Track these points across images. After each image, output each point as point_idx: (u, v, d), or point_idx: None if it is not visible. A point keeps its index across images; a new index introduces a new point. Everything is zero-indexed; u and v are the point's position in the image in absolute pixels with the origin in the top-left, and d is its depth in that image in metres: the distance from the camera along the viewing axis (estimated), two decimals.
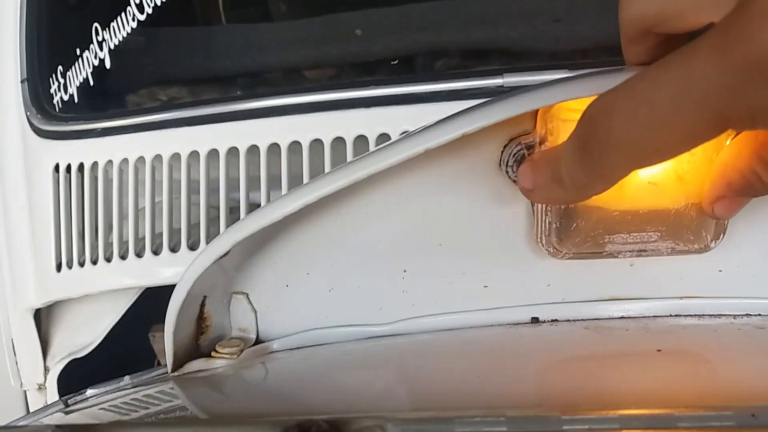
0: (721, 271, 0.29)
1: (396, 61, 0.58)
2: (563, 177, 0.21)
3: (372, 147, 0.51)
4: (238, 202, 0.52)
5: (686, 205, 0.25)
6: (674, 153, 0.17)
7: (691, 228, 0.26)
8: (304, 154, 0.51)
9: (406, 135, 0.26)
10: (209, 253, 0.28)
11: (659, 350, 0.25)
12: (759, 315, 0.29)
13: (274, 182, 0.52)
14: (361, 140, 0.51)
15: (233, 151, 0.52)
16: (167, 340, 0.30)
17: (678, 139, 0.17)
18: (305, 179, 0.52)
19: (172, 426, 0.21)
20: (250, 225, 0.27)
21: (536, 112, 0.26)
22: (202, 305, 0.31)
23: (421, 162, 0.27)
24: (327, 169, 0.52)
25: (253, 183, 0.52)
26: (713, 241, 0.27)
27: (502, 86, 0.51)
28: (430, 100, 0.52)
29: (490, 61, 0.62)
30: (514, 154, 0.27)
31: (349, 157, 0.51)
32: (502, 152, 0.27)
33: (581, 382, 0.24)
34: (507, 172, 0.27)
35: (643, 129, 0.17)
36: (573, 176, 0.20)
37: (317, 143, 0.52)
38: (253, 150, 0.52)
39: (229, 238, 0.27)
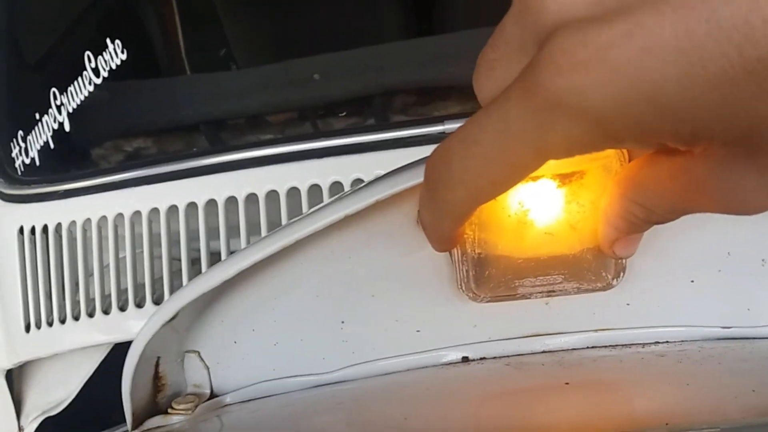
0: (628, 304, 0.32)
1: (344, 113, 0.61)
2: (422, 220, 0.24)
3: (325, 195, 0.54)
4: (199, 252, 0.54)
5: (582, 251, 0.28)
6: (509, 184, 0.20)
7: (591, 270, 0.29)
8: (261, 205, 0.54)
9: (330, 201, 0.29)
10: (157, 318, 0.30)
11: (567, 383, 0.28)
12: (666, 342, 0.32)
13: (233, 232, 0.54)
14: (315, 189, 0.54)
15: (192, 206, 0.55)
16: (125, 400, 0.32)
17: (507, 172, 0.19)
18: (263, 228, 0.54)
19: None
20: (194, 290, 0.30)
21: None
22: (157, 365, 0.33)
23: (349, 222, 0.30)
24: (283, 217, 0.54)
25: (213, 233, 0.55)
26: (614, 279, 0.30)
27: (443, 132, 0.55)
28: (378, 149, 0.55)
29: (444, 103, 0.66)
30: None
31: (304, 205, 0.54)
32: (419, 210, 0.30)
33: (498, 416, 0.26)
34: None
35: (477, 167, 0.20)
36: (427, 217, 0.23)
37: (273, 194, 0.54)
38: (212, 203, 0.54)
39: (174, 303, 0.30)
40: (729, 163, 0.18)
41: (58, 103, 0.62)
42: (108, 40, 0.60)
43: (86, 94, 0.61)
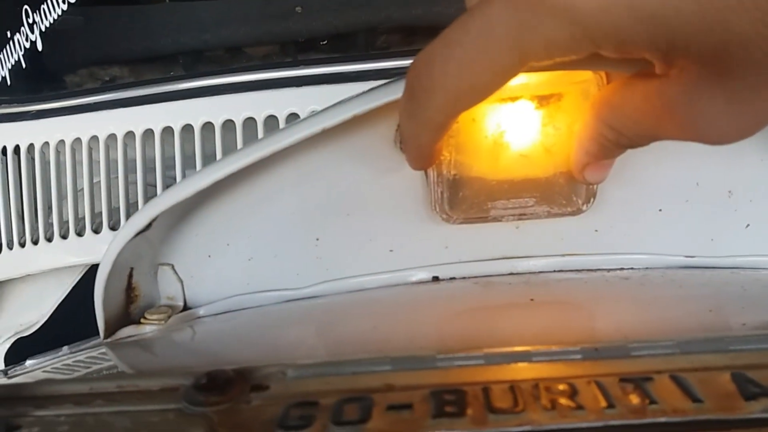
0: (597, 230, 0.33)
1: (325, 42, 0.60)
2: (401, 133, 0.23)
3: None
4: (175, 179, 0.54)
5: (555, 174, 0.29)
6: (488, 90, 0.20)
7: (563, 194, 0.30)
8: (238, 132, 0.54)
9: (307, 116, 0.29)
10: (130, 227, 0.30)
11: (532, 300, 0.29)
12: (631, 268, 0.33)
13: (210, 160, 0.54)
14: (293, 118, 0.54)
15: (168, 130, 0.54)
16: (98, 309, 0.32)
17: (488, 75, 0.19)
18: None
19: (95, 381, 0.23)
20: (168, 199, 0.30)
21: None
22: (130, 276, 0.33)
23: (326, 140, 0.30)
24: None
25: (188, 161, 0.54)
26: (585, 205, 0.30)
27: None
28: (359, 79, 0.54)
29: (428, 41, 0.65)
30: None
31: None
32: (396, 131, 0.30)
33: (463, 328, 0.27)
34: (401, 149, 0.30)
35: (458, 70, 0.19)
36: (407, 129, 0.23)
37: (250, 121, 0.54)
38: (188, 128, 0.54)
39: (147, 213, 0.30)
40: (699, 87, 0.19)
41: (30, 21, 0.60)
42: None
43: (59, 12, 0.59)
